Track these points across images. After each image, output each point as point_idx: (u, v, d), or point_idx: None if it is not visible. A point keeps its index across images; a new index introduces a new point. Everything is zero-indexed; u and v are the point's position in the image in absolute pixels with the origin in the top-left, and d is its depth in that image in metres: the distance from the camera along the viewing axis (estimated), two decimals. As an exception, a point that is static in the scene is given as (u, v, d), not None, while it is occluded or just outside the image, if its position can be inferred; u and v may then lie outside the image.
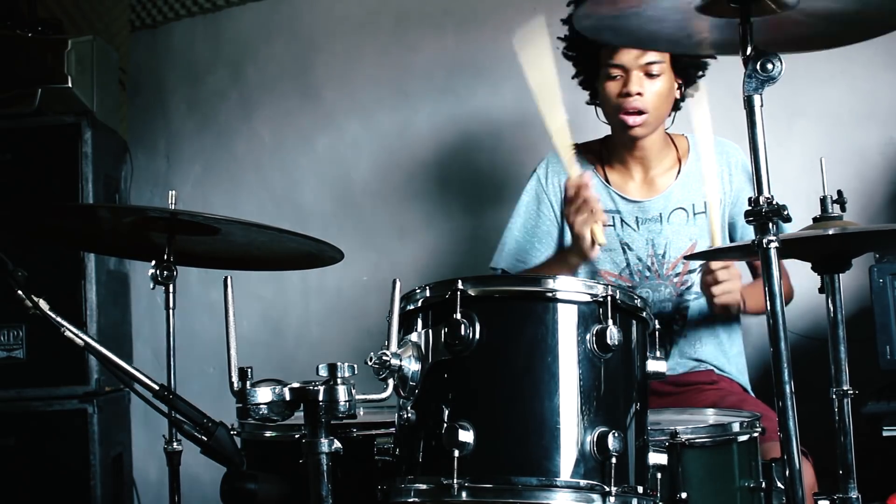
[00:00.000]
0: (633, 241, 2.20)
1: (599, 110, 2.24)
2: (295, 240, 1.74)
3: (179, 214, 1.65)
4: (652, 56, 2.06)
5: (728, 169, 2.21)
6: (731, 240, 2.23)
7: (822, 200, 1.63)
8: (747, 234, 2.17)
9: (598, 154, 2.27)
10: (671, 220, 2.19)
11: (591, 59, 2.18)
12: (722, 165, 2.21)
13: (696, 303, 2.19)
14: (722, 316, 2.20)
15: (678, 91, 2.17)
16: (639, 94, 2.06)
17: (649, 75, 2.08)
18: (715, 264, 2.00)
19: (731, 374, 2.23)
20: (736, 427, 1.61)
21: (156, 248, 1.79)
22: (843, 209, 1.63)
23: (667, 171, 2.23)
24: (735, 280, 2.01)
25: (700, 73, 2.19)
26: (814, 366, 1.71)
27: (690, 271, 2.18)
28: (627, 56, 2.07)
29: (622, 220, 2.20)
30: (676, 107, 2.25)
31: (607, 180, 2.23)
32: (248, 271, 2.06)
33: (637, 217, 2.21)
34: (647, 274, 2.19)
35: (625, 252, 2.20)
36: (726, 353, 2.24)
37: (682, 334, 2.20)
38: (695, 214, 2.19)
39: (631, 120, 2.09)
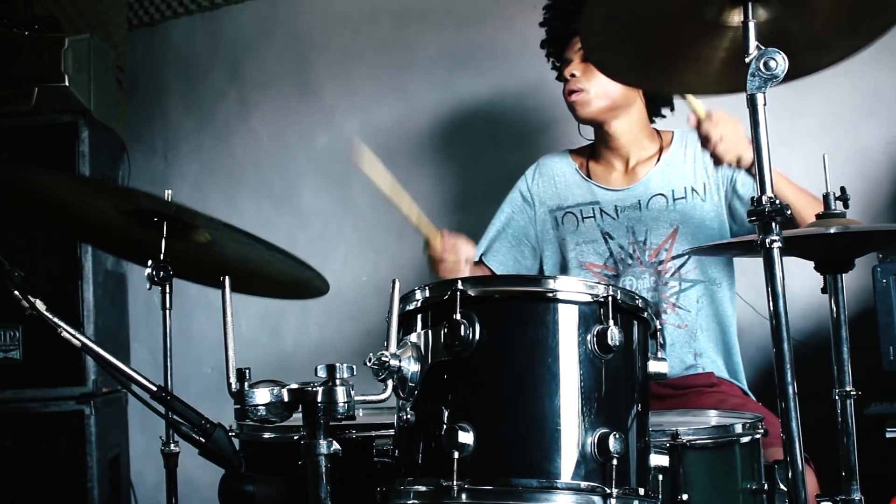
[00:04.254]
0: (614, 229, 2.24)
1: (583, 128, 2.36)
2: (285, 262, 1.71)
3: (175, 208, 1.64)
4: None
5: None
6: (734, 217, 2.20)
7: (825, 197, 1.62)
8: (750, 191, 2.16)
9: (585, 155, 2.38)
10: (650, 207, 2.22)
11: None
12: (700, 148, 2.20)
13: (694, 291, 2.18)
14: (720, 314, 2.20)
15: None
16: (573, 75, 2.20)
17: (587, 59, 2.19)
18: (705, 127, 1.93)
19: (732, 375, 2.21)
20: (738, 428, 1.60)
21: (153, 249, 1.78)
22: (845, 206, 1.63)
23: (647, 161, 2.27)
24: (732, 129, 1.92)
25: None
26: (816, 367, 1.70)
27: (674, 257, 2.18)
28: (570, 48, 2.23)
29: (601, 210, 2.26)
30: (661, 102, 2.29)
31: (588, 174, 2.32)
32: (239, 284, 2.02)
33: (616, 206, 2.25)
34: (630, 262, 2.21)
35: (606, 241, 2.24)
36: (726, 348, 2.22)
37: (680, 326, 2.18)
38: (675, 200, 2.21)
39: (571, 100, 2.22)
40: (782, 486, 1.60)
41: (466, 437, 1.26)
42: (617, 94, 2.20)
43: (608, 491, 1.25)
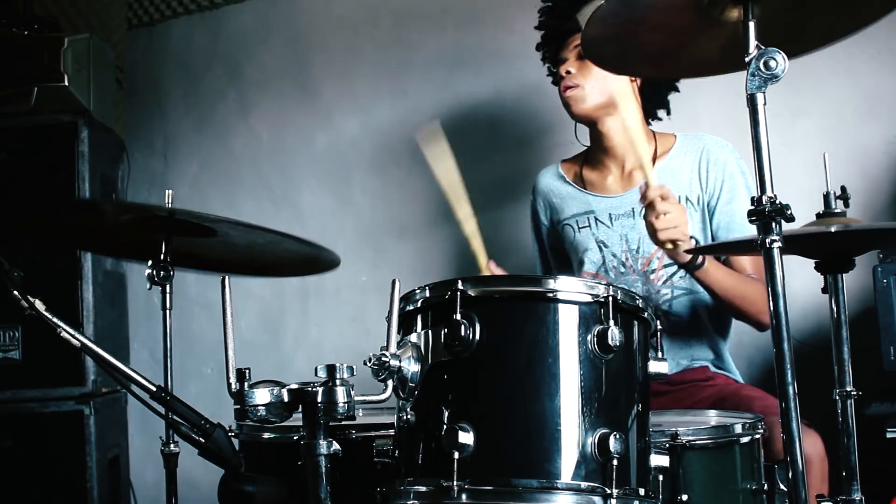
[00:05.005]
0: (608, 237, 2.24)
1: (579, 131, 2.37)
2: (292, 242, 1.71)
3: (176, 213, 1.64)
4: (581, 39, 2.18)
5: (706, 165, 2.21)
6: (712, 233, 2.21)
7: (826, 196, 1.62)
8: (722, 223, 2.17)
9: (578, 162, 2.38)
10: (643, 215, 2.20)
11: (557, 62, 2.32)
12: (700, 161, 2.20)
13: (686, 299, 2.18)
14: (713, 320, 2.20)
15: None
16: (568, 72, 2.21)
17: (582, 56, 2.21)
18: (652, 192, 1.85)
19: (726, 370, 2.21)
20: (738, 429, 1.60)
21: (153, 249, 1.77)
22: (846, 205, 1.63)
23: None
24: (678, 213, 1.85)
25: None
26: (816, 367, 1.70)
27: (665, 266, 2.17)
28: (566, 48, 2.25)
29: (596, 219, 2.26)
30: (657, 102, 2.29)
31: (583, 183, 2.32)
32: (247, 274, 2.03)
33: (610, 214, 2.25)
34: (623, 270, 2.21)
35: (601, 249, 2.24)
36: (719, 350, 2.22)
37: (673, 334, 2.18)
38: None
39: (566, 95, 2.22)
40: (782, 486, 1.59)
41: (466, 438, 1.25)
42: (612, 91, 2.19)
43: (608, 491, 1.25)
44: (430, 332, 1.34)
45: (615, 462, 1.26)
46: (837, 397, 1.55)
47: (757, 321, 2.07)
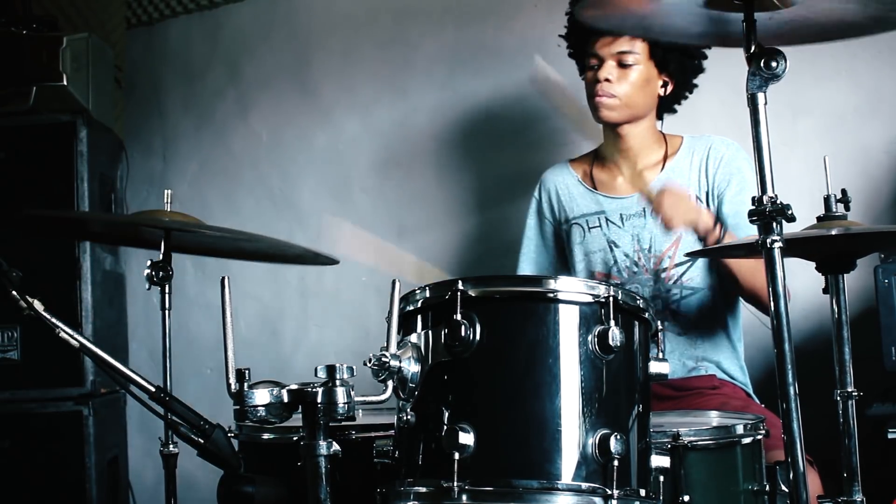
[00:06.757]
0: (619, 237, 2.23)
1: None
2: (291, 247, 1.71)
3: (173, 229, 1.63)
4: (624, 46, 2.14)
5: (714, 162, 2.21)
6: (721, 224, 2.20)
7: (826, 199, 1.62)
8: (730, 212, 2.16)
9: (588, 161, 2.36)
10: (654, 214, 2.19)
11: (583, 54, 2.27)
12: (708, 159, 2.21)
13: (694, 299, 2.18)
14: (722, 320, 2.20)
15: (663, 88, 2.21)
16: (607, 80, 2.15)
17: (622, 65, 2.16)
18: (655, 199, 2.07)
19: (735, 378, 2.21)
20: (740, 429, 1.60)
21: (151, 244, 1.77)
22: (847, 208, 1.62)
23: (654, 167, 2.26)
24: (676, 195, 2.06)
25: (688, 69, 2.21)
26: (817, 368, 1.69)
27: (677, 265, 2.17)
28: (603, 46, 2.16)
29: (607, 219, 2.25)
30: (668, 108, 2.27)
31: (593, 183, 2.31)
32: (247, 269, 2.04)
33: (621, 214, 2.25)
34: (635, 269, 2.21)
35: (612, 250, 2.23)
36: (729, 355, 2.22)
37: (681, 333, 2.18)
38: None
39: (599, 101, 2.17)
40: (783, 487, 1.59)
41: (467, 438, 1.25)
42: (641, 104, 2.19)
43: (609, 492, 1.25)
44: (430, 332, 1.34)
45: (616, 463, 1.25)
46: (838, 398, 1.55)
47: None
